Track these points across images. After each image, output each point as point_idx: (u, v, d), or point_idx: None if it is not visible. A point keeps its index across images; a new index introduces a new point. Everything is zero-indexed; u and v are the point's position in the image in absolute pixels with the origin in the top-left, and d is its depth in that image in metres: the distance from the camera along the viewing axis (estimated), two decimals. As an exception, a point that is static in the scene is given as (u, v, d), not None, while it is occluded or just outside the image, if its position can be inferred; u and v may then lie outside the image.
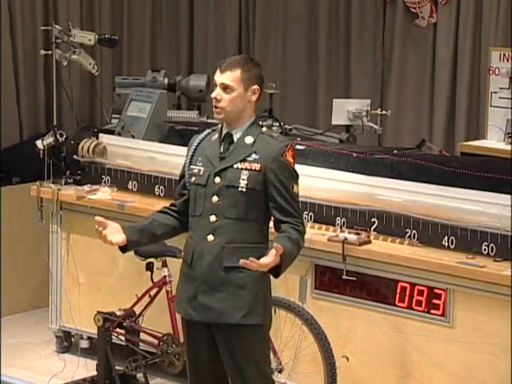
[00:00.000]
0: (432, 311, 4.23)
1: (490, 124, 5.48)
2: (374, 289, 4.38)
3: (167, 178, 5.10)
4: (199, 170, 3.59)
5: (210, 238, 3.53)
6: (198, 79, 5.99)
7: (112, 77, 6.48)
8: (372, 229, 4.50)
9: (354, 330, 4.46)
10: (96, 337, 4.88)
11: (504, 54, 5.38)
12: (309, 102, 6.84)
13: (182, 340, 4.65)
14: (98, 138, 5.37)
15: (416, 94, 6.38)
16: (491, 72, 5.42)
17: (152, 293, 4.74)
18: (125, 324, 4.80)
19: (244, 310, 3.51)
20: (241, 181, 3.51)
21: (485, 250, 4.18)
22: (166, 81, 5.91)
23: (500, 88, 5.40)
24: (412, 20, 6.38)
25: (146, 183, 5.17)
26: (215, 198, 3.54)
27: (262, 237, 3.57)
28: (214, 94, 3.54)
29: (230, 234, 3.52)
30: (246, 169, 3.52)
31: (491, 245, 4.17)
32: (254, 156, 3.53)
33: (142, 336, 4.82)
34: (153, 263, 4.70)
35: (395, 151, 4.86)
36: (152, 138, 5.39)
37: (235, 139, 3.56)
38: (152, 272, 4.71)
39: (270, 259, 3.38)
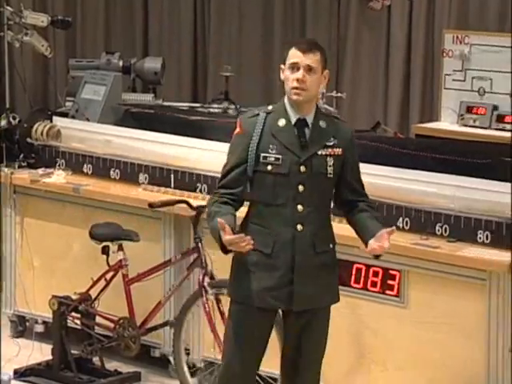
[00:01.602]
0: (387, 292, 4.27)
1: (444, 106, 5.51)
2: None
3: (123, 161, 5.07)
4: (277, 159, 3.45)
5: (300, 227, 3.46)
6: (153, 62, 5.95)
7: (66, 59, 6.41)
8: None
9: (310, 312, 4.47)
10: (51, 321, 4.85)
11: (457, 37, 5.42)
12: (265, 84, 6.84)
13: (138, 323, 4.66)
14: (51, 121, 5.31)
15: (371, 76, 6.41)
16: (445, 54, 5.46)
17: (108, 276, 4.72)
18: (80, 308, 4.78)
19: (332, 291, 3.59)
20: (328, 167, 3.47)
21: (438, 230, 4.22)
22: (121, 63, 5.86)
23: (453, 70, 5.43)
24: (366, 2, 6.39)
25: (102, 166, 5.13)
26: (301, 187, 3.46)
27: (330, 219, 3.60)
28: (297, 75, 3.41)
29: (317, 220, 3.48)
30: (330, 155, 3.48)
31: (445, 226, 4.21)
32: (332, 140, 3.49)
33: (98, 320, 4.80)
34: (108, 247, 4.68)
35: (350, 133, 4.86)
36: (107, 120, 5.35)
37: (310, 125, 3.48)
38: (108, 256, 4.69)
39: (388, 242, 3.41)
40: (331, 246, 3.55)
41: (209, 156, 4.87)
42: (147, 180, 5.00)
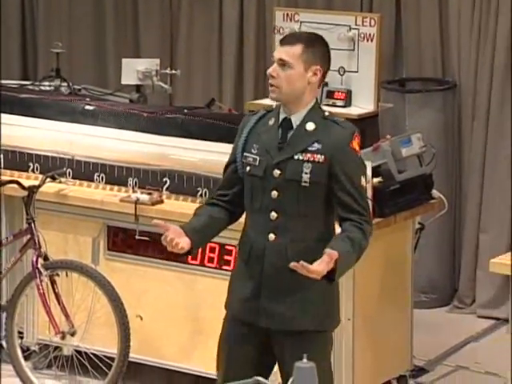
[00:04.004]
0: (223, 267, 4.31)
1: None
2: (166, 248, 4.40)
3: None
4: (254, 160, 3.18)
5: (272, 236, 3.17)
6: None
7: None
8: (164, 188, 4.52)
9: (148, 290, 4.48)
10: None
11: (287, 14, 5.51)
12: (97, 61, 6.73)
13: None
14: None
15: (205, 53, 6.42)
16: (276, 31, 5.54)
17: None
18: None
19: (312, 314, 3.19)
20: (303, 174, 3.13)
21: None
22: None
23: (285, 47, 5.51)
24: (199, -21, 6.39)
25: None
26: (275, 193, 3.16)
27: (329, 233, 3.21)
28: (270, 70, 3.16)
29: (293, 232, 3.15)
30: (308, 160, 3.14)
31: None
32: (316, 145, 3.15)
33: None
34: None
35: (185, 110, 4.88)
36: None
37: (294, 126, 3.18)
38: None
39: (321, 266, 2.98)
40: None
41: (41, 134, 4.76)
42: (-24, 160, 4.84)
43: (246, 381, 2.44)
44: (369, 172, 4.14)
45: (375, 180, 4.21)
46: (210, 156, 4.44)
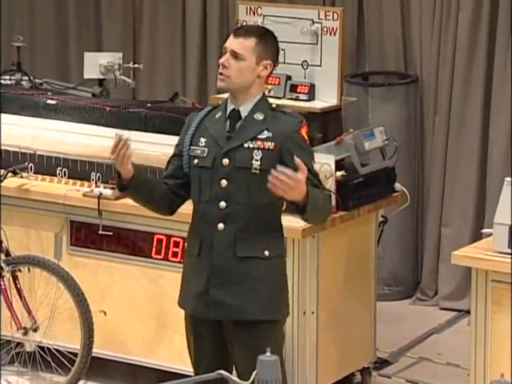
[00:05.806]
0: (188, 262, 4.31)
1: (240, 77, 5.60)
2: (130, 242, 4.40)
3: None
4: (202, 151, 3.24)
5: (221, 226, 3.21)
6: None
7: None
8: (127, 183, 4.49)
9: (111, 285, 4.47)
10: None
11: (250, 8, 5.53)
12: (59, 55, 6.68)
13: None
14: None
15: (168, 47, 6.41)
16: (239, 25, 5.53)
17: None
18: None
19: (261, 304, 3.23)
20: (253, 161, 3.18)
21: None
22: None
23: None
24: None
25: None
26: (224, 182, 3.21)
27: (278, 223, 3.27)
28: (222, 60, 3.22)
29: (242, 221, 3.18)
30: (258, 148, 3.19)
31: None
32: (266, 133, 3.21)
33: None
34: None
35: (149, 105, 4.87)
36: None
37: (243, 116, 3.24)
38: None
39: (300, 175, 2.98)
40: (266, 253, 3.22)
41: (2, 129, 4.71)
42: None
43: (209, 374, 2.45)
44: (332, 165, 4.16)
45: (338, 173, 4.23)
46: (173, 150, 4.42)
